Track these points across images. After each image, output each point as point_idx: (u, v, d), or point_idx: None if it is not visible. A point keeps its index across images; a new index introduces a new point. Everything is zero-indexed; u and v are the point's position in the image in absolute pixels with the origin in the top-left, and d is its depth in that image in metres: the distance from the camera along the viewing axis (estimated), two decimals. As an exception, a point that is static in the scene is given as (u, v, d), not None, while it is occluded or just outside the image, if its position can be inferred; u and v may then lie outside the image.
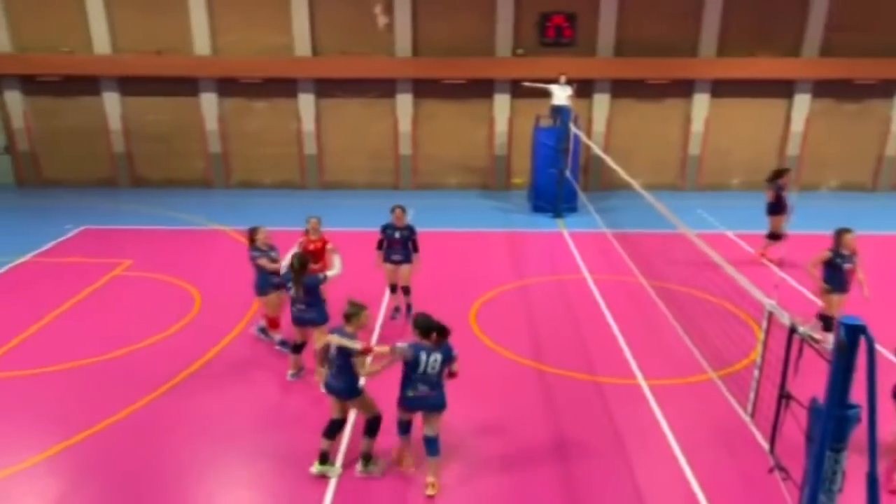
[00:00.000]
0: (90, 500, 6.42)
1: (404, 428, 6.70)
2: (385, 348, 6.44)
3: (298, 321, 8.32)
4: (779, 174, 12.95)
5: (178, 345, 9.54)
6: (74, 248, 13.95)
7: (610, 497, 6.49)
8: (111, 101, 19.04)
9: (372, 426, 6.63)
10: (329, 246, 9.29)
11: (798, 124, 19.14)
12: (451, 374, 6.49)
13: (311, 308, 8.19)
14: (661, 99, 19.18)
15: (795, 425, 4.31)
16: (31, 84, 18.97)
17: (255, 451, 7.14)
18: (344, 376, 6.44)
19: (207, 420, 7.68)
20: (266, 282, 9.10)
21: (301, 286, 8.03)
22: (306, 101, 19.02)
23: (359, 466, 6.69)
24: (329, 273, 8.25)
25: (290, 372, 8.61)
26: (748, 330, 9.51)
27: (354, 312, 6.46)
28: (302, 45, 18.48)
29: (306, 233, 9.69)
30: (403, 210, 9.94)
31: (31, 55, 18.46)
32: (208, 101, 19.04)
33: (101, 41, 18.41)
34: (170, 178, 19.77)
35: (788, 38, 18.51)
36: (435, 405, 6.38)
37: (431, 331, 6.20)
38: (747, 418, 5.42)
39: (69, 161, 19.65)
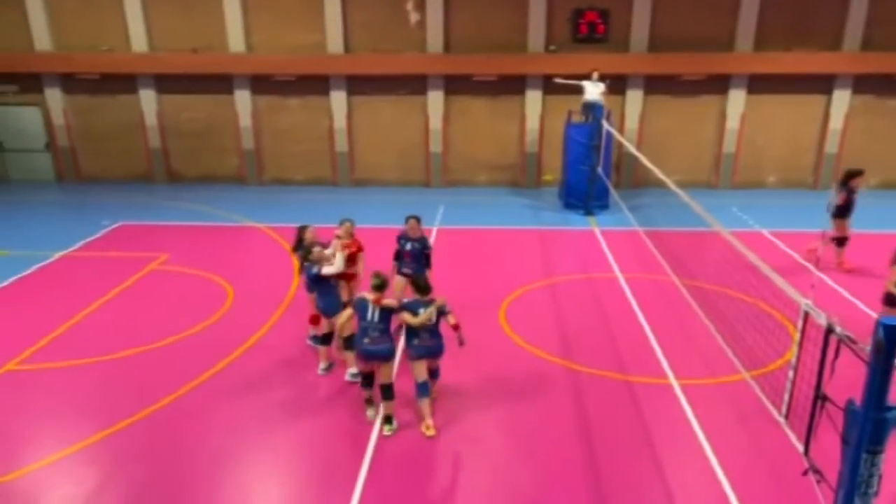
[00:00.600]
0: (127, 488, 6.56)
1: (423, 390, 7.41)
2: (392, 301, 7.38)
3: (316, 308, 8.68)
4: (851, 175, 12.11)
5: (210, 339, 9.69)
6: (111, 243, 14.23)
7: (640, 496, 6.45)
8: (148, 99, 19.40)
9: (388, 391, 7.40)
10: (337, 242, 8.79)
11: (837, 121, 18.67)
12: (455, 327, 7.31)
13: (320, 298, 8.45)
14: (695, 95, 18.90)
15: (831, 427, 4.23)
16: (71, 82, 19.43)
17: (286, 444, 7.25)
18: (387, 338, 7.28)
19: (238, 414, 7.80)
20: None
21: (305, 276, 8.61)
22: (338, 98, 19.14)
23: (385, 430, 7.43)
24: (325, 269, 8.19)
25: (321, 366, 8.70)
26: (783, 330, 9.34)
27: (387, 282, 7.34)
28: (334, 42, 18.60)
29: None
30: (418, 220, 9.50)
31: (71, 54, 18.89)
32: (242, 99, 19.27)
33: (138, 40, 18.77)
34: (204, 174, 20.08)
35: (828, 32, 18.07)
36: (434, 352, 7.46)
37: (425, 288, 7.35)
38: (781, 419, 5.33)
39: (107, 157, 20.08)
